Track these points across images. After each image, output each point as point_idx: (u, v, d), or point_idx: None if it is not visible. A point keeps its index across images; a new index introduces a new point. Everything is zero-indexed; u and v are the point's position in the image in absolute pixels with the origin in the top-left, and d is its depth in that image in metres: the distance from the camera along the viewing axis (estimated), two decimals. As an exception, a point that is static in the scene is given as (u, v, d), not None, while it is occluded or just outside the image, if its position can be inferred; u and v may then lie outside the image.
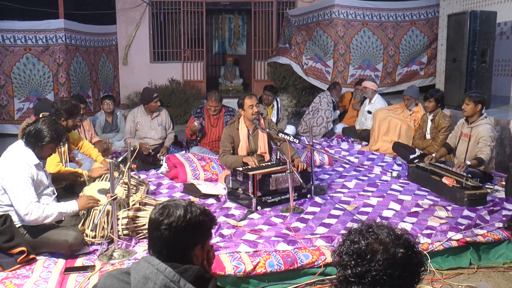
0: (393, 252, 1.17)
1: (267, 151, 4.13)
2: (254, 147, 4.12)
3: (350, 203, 3.79)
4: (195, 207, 1.42)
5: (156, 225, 1.38)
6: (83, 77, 7.33)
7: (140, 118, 5.09)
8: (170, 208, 1.39)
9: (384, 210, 3.60)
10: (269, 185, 3.66)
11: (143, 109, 5.12)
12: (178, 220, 1.36)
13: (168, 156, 4.71)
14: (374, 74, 7.82)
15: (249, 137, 4.12)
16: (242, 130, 4.10)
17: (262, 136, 4.08)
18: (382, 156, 5.43)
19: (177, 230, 1.35)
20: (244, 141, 4.07)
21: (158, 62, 9.03)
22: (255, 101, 4.03)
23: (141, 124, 5.07)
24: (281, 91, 8.38)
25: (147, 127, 5.10)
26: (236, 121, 4.15)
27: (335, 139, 6.40)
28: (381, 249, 1.18)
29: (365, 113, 6.37)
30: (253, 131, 4.13)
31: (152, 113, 5.12)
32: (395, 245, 1.18)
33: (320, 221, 3.40)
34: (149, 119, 5.11)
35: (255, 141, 4.12)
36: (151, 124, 5.12)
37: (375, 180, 4.49)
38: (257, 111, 4.00)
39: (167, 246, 1.36)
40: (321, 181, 4.43)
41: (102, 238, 2.96)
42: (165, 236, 1.35)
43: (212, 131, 5.20)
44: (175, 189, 4.26)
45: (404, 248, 1.18)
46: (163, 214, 1.38)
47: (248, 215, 3.52)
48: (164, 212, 1.39)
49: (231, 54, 10.51)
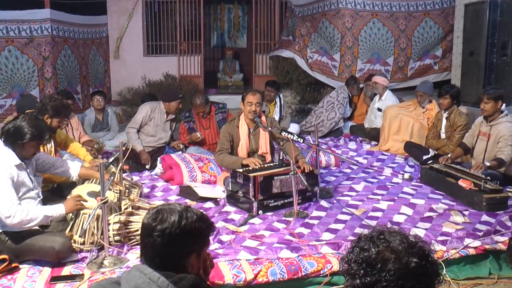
0: (406, 261, 1.16)
1: (269, 151, 4.12)
2: (255, 146, 4.12)
3: (358, 207, 3.78)
4: (191, 212, 1.42)
5: (149, 231, 1.37)
6: (72, 72, 7.32)
7: (157, 115, 5.01)
8: (164, 213, 1.39)
9: (395, 215, 3.60)
10: (271, 187, 3.65)
11: (162, 106, 5.03)
12: (172, 226, 1.35)
13: (163, 156, 4.71)
14: (384, 69, 7.80)
15: (250, 136, 4.12)
16: (243, 128, 4.09)
17: (263, 135, 4.08)
18: (393, 156, 5.42)
19: (171, 237, 1.35)
20: (245, 140, 4.07)
21: (152, 56, 9.03)
22: (256, 100, 3.99)
23: (155, 121, 5.01)
24: (284, 87, 8.38)
25: (159, 126, 5.05)
26: (237, 118, 4.14)
27: (342, 139, 6.39)
28: (393, 258, 1.17)
29: (375, 110, 6.36)
30: (254, 130, 4.12)
31: (168, 115, 5.07)
32: (408, 254, 1.17)
33: (326, 226, 3.39)
34: (163, 119, 5.05)
35: (256, 141, 4.12)
36: (164, 125, 5.08)
37: (385, 182, 4.48)
38: (255, 111, 3.98)
39: (160, 254, 1.35)
40: (327, 183, 4.43)
41: (92, 244, 2.96)
42: (158, 243, 1.35)
43: (206, 134, 5.19)
44: (170, 192, 4.25)
45: (418, 258, 1.17)
46: (156, 219, 1.38)
47: (248, 219, 3.51)
48: (158, 217, 1.38)
49: (230, 47, 10.51)
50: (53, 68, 6.82)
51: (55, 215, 2.78)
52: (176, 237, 1.35)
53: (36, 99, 5.50)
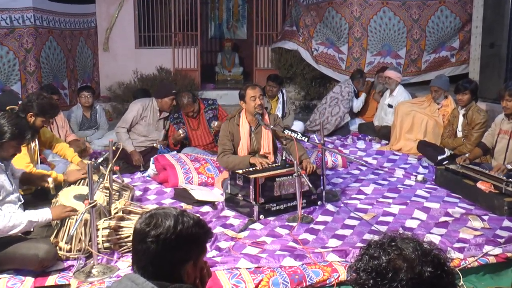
0: (419, 270, 1.16)
1: (272, 151, 4.12)
2: (256, 146, 4.12)
3: (367, 212, 3.78)
4: (188, 217, 1.42)
5: (142, 236, 1.37)
6: (58, 65, 7.31)
7: (148, 113, 5.02)
8: (159, 218, 1.38)
9: (408, 220, 3.60)
10: (273, 190, 3.65)
11: (155, 103, 5.03)
12: (167, 232, 1.35)
13: (156, 156, 4.71)
14: (395, 62, 7.79)
15: (251, 134, 4.12)
16: (243, 126, 4.09)
17: (266, 134, 4.08)
18: (405, 157, 5.42)
19: (165, 244, 1.34)
20: (245, 139, 4.07)
21: (144, 48, 9.03)
22: (258, 92, 4.01)
23: (147, 119, 5.02)
24: (287, 81, 8.37)
25: (152, 125, 5.05)
26: (237, 116, 4.14)
27: (350, 137, 6.38)
28: (405, 267, 1.17)
29: (385, 107, 6.36)
30: (255, 128, 4.12)
31: (162, 112, 5.07)
32: (421, 263, 1.17)
33: (333, 232, 3.39)
34: (156, 117, 5.06)
35: (258, 140, 4.12)
36: (157, 124, 5.08)
37: (396, 184, 4.48)
38: (261, 104, 3.98)
39: (154, 262, 1.35)
40: (334, 185, 4.43)
41: (79, 252, 2.95)
42: (152, 250, 1.34)
43: (197, 136, 5.19)
44: (164, 195, 4.25)
45: (433, 267, 1.16)
46: (150, 224, 1.38)
47: (249, 225, 3.51)
48: (152, 222, 1.38)
49: (229, 39, 10.51)
50: (36, 61, 6.80)
51: (40, 220, 2.77)
52: (171, 243, 1.35)
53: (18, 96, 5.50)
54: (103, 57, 8.75)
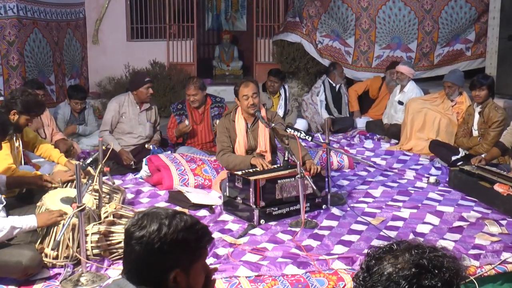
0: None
1: (269, 149, 4.12)
2: (253, 143, 4.13)
3: (375, 216, 3.78)
4: (179, 219, 1.41)
5: (127, 238, 1.39)
6: (44, 59, 7.30)
7: (127, 108, 5.04)
8: (147, 219, 1.39)
9: (419, 225, 3.60)
10: (275, 193, 3.65)
11: (131, 97, 5.07)
12: (150, 235, 1.36)
13: (149, 157, 4.71)
14: (406, 55, 7.78)
15: (248, 131, 4.12)
16: (239, 123, 4.10)
17: (263, 131, 4.09)
18: (416, 157, 5.42)
19: (147, 248, 1.35)
20: (242, 136, 4.08)
21: (137, 40, 9.03)
22: (252, 90, 4.00)
23: (127, 115, 5.03)
24: (289, 76, 8.36)
25: (134, 121, 5.06)
26: (233, 112, 4.14)
27: (357, 136, 6.38)
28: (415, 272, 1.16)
29: (395, 103, 6.35)
30: (252, 125, 4.13)
31: (142, 104, 5.08)
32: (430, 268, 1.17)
33: (338, 238, 3.39)
34: (137, 111, 5.08)
35: (255, 137, 4.13)
36: (139, 117, 5.09)
37: (407, 187, 4.48)
38: (254, 104, 3.99)
39: (138, 266, 1.36)
40: (340, 188, 4.43)
41: (66, 259, 2.95)
42: (136, 253, 1.35)
43: (198, 131, 5.19)
44: (158, 198, 4.26)
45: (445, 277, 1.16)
46: (136, 224, 1.39)
47: (249, 230, 3.51)
48: (138, 222, 1.39)
49: (228, 31, 10.50)
50: (20, 55, 6.79)
51: (24, 227, 2.77)
52: (153, 247, 1.35)
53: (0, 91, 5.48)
54: (93, 50, 8.75)
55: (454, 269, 1.18)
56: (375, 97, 7.06)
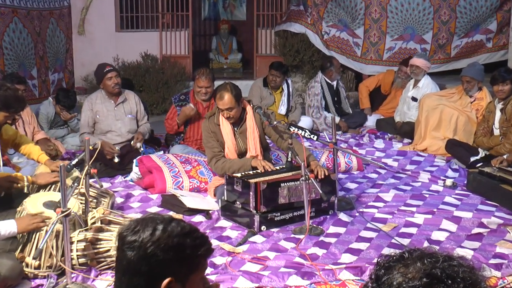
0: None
1: (260, 152, 4.13)
2: (243, 147, 4.14)
3: (387, 222, 3.79)
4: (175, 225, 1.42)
5: (120, 243, 1.42)
6: (25, 51, 7.30)
7: (100, 106, 5.08)
8: (141, 224, 1.42)
9: (434, 232, 3.60)
10: (277, 197, 3.65)
11: (103, 93, 5.12)
12: (143, 240, 1.38)
13: (140, 157, 4.71)
14: (420, 47, 7.79)
15: (235, 135, 4.13)
16: (225, 126, 4.10)
17: (251, 133, 4.10)
18: (432, 158, 5.43)
19: (140, 253, 1.37)
20: (230, 141, 4.09)
21: (127, 31, 9.03)
22: (226, 105, 3.97)
23: (101, 113, 5.06)
24: (293, 70, 8.37)
25: (111, 117, 5.08)
26: (217, 114, 4.14)
27: (367, 135, 6.39)
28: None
29: (408, 100, 6.36)
30: (239, 127, 4.13)
31: (116, 98, 5.11)
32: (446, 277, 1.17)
33: (346, 246, 3.40)
34: (112, 106, 5.10)
35: (243, 140, 4.13)
36: (116, 113, 5.10)
37: (421, 190, 4.49)
38: (229, 117, 4.00)
39: (130, 273, 1.37)
40: (348, 191, 4.44)
41: (49, 269, 2.96)
42: (128, 258, 1.37)
43: (200, 125, 5.19)
44: (150, 202, 4.27)
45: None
46: (129, 229, 1.42)
47: (248, 237, 3.52)
48: (132, 227, 1.42)
49: (226, 20, 10.51)
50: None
51: (2, 233, 2.77)
52: (146, 252, 1.36)
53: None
54: (78, 41, 8.75)
55: (470, 279, 1.19)
56: (387, 92, 7.06)
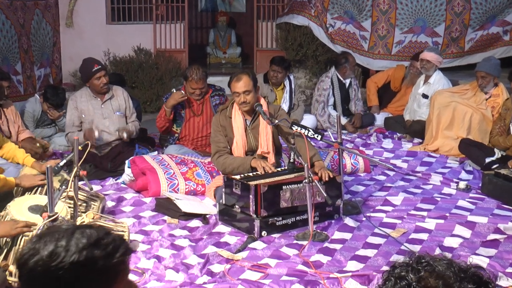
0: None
1: (272, 150, 4.12)
2: (253, 144, 4.13)
3: (396, 227, 3.79)
4: (79, 235, 1.29)
5: (20, 270, 1.29)
6: (8, 45, 7.30)
7: (85, 104, 5.07)
8: (41, 241, 1.28)
9: (447, 238, 3.60)
10: (278, 200, 3.65)
11: (88, 91, 5.12)
12: (44, 262, 1.24)
13: (133, 158, 4.72)
14: (431, 41, 7.79)
15: (247, 129, 4.13)
16: (236, 120, 4.11)
17: (264, 129, 4.09)
18: (444, 159, 5.43)
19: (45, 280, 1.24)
20: (240, 136, 4.09)
21: (118, 23, 9.04)
22: (243, 88, 3.98)
23: (87, 112, 5.06)
24: (295, 65, 8.38)
25: (97, 116, 5.07)
26: (229, 107, 4.15)
27: (374, 135, 6.40)
28: (441, 285, 1.17)
29: (419, 97, 6.36)
30: (252, 122, 4.14)
31: (103, 95, 5.11)
32: (459, 279, 1.17)
33: (353, 252, 3.40)
34: (98, 104, 5.10)
35: (255, 136, 4.13)
36: (103, 111, 5.10)
37: (432, 193, 4.49)
38: (245, 102, 4.00)
39: None
40: (354, 194, 4.44)
41: (36, 277, 2.95)
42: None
43: (196, 122, 5.20)
44: (143, 206, 4.27)
45: (474, 283, 1.17)
46: (29, 250, 1.27)
47: (248, 243, 3.52)
48: (32, 246, 1.28)
49: (224, 12, 10.52)
50: (-20, 40, 6.80)
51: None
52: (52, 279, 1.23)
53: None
54: (66, 34, 8.75)
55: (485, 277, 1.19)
56: (397, 89, 7.05)
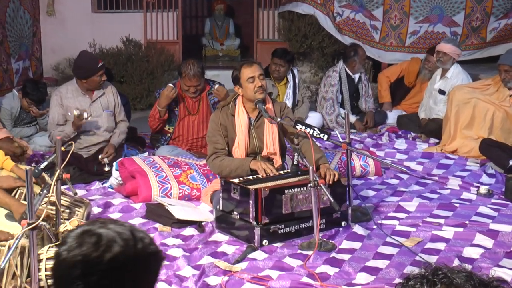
0: None
1: (278, 151, 4.13)
2: (257, 144, 4.13)
3: (409, 236, 3.80)
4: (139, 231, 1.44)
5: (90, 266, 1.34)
6: (-18, 35, 7.31)
7: (71, 101, 5.05)
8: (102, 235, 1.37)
9: (466, 248, 3.60)
10: (281, 206, 3.66)
11: (76, 86, 5.10)
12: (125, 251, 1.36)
13: (121, 160, 4.72)
14: (450, 31, 7.79)
15: (250, 129, 4.13)
16: (240, 117, 4.11)
17: (270, 128, 4.09)
18: (463, 161, 5.44)
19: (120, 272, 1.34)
20: (243, 135, 4.08)
21: (105, 12, 9.04)
22: (257, 71, 4.02)
23: (73, 109, 5.03)
24: (299, 58, 8.38)
25: (85, 113, 5.06)
26: (232, 104, 4.15)
27: (386, 134, 6.41)
28: None
29: (435, 93, 6.36)
30: (256, 120, 4.14)
31: (92, 92, 5.12)
32: None
33: (362, 263, 3.41)
34: (87, 101, 5.09)
35: (259, 136, 4.13)
36: (92, 109, 5.10)
37: (450, 199, 4.50)
38: (262, 86, 4.01)
39: None
40: (364, 200, 4.43)
41: (14, 290, 2.95)
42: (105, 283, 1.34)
43: (191, 122, 5.21)
44: (132, 212, 4.27)
45: None
46: (98, 244, 1.36)
47: (248, 253, 3.53)
48: (100, 241, 1.36)
49: (221, 0, 10.52)
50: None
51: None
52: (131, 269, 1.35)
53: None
54: (48, 24, 8.75)
55: None
56: (412, 84, 7.05)
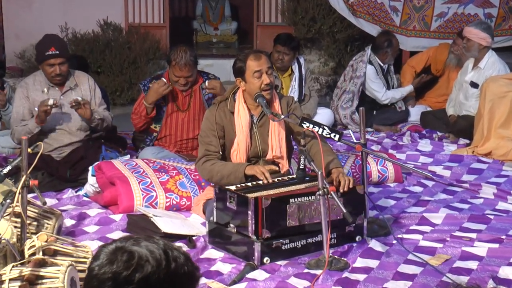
0: None
1: (285, 154, 4.13)
2: (261, 147, 4.13)
3: (436, 253, 3.80)
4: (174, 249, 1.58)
5: (119, 284, 1.44)
6: None
7: (39, 94, 5.05)
8: (135, 254, 1.47)
9: (503, 267, 3.59)
10: (285, 218, 3.66)
11: (43, 77, 5.09)
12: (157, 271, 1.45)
13: (98, 164, 4.71)
14: (483, 13, 7.79)
15: (253, 128, 4.13)
16: (241, 115, 4.10)
17: (275, 128, 4.09)
18: (498, 165, 5.45)
19: None
20: (244, 136, 4.08)
21: (79, -9, 9.05)
22: (266, 64, 4.00)
23: (39, 102, 5.03)
24: (307, 45, 8.40)
25: (54, 109, 5.04)
26: (230, 99, 4.15)
27: (408, 134, 6.43)
28: None
29: (466, 86, 6.36)
30: (259, 118, 4.14)
31: (63, 84, 5.11)
32: None
33: (380, 285, 3.41)
34: (56, 94, 5.06)
35: (263, 136, 4.13)
36: (62, 103, 5.10)
37: (483, 210, 4.50)
38: (270, 83, 4.00)
39: None
40: (382, 210, 4.44)
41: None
42: None
43: (180, 119, 5.21)
44: (111, 225, 4.27)
45: None
46: (129, 262, 1.45)
47: (246, 273, 3.53)
48: (129, 259, 1.46)
49: (215, -24, 10.55)
50: None
51: None
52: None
53: None
54: (11, 4, 8.77)
55: None
56: (439, 73, 7.06)
